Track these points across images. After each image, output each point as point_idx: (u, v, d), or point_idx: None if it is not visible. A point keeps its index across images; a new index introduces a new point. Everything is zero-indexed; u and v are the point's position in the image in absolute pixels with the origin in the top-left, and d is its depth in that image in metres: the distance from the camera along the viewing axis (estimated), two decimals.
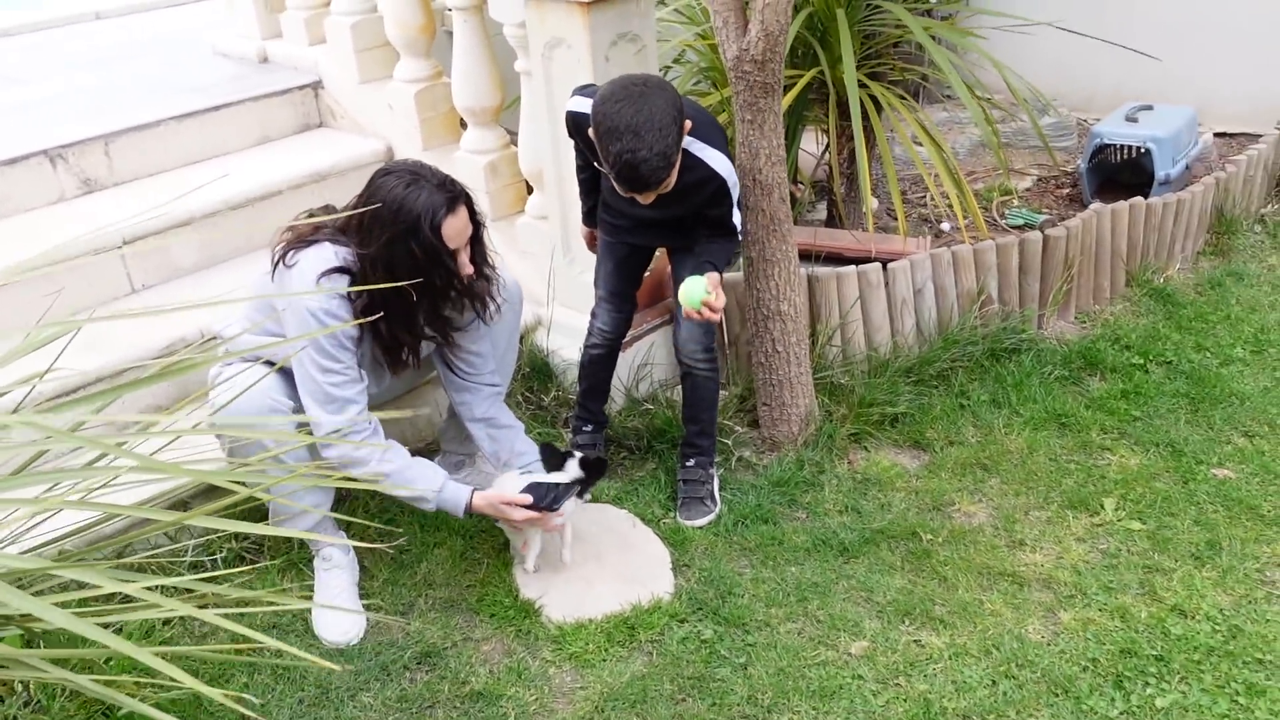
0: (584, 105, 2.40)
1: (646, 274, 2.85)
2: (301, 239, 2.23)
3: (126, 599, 2.27)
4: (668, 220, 2.51)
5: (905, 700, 2.08)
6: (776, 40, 2.56)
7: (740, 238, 2.53)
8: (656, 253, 2.86)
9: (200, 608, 1.79)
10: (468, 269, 2.26)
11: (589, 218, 2.76)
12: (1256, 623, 2.18)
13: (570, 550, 2.51)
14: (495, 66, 3.32)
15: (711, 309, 2.35)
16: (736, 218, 2.46)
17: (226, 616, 1.49)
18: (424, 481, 2.29)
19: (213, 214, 3.23)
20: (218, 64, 4.19)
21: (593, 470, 2.46)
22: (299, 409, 2.25)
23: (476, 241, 2.31)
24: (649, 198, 2.30)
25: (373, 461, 2.25)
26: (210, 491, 2.41)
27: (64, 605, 1.53)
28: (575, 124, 2.47)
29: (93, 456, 1.87)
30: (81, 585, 2.27)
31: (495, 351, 2.61)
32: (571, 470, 2.43)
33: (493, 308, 2.43)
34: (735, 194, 2.43)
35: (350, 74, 3.76)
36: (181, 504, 2.35)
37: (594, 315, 2.78)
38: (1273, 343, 3.16)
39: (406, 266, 2.16)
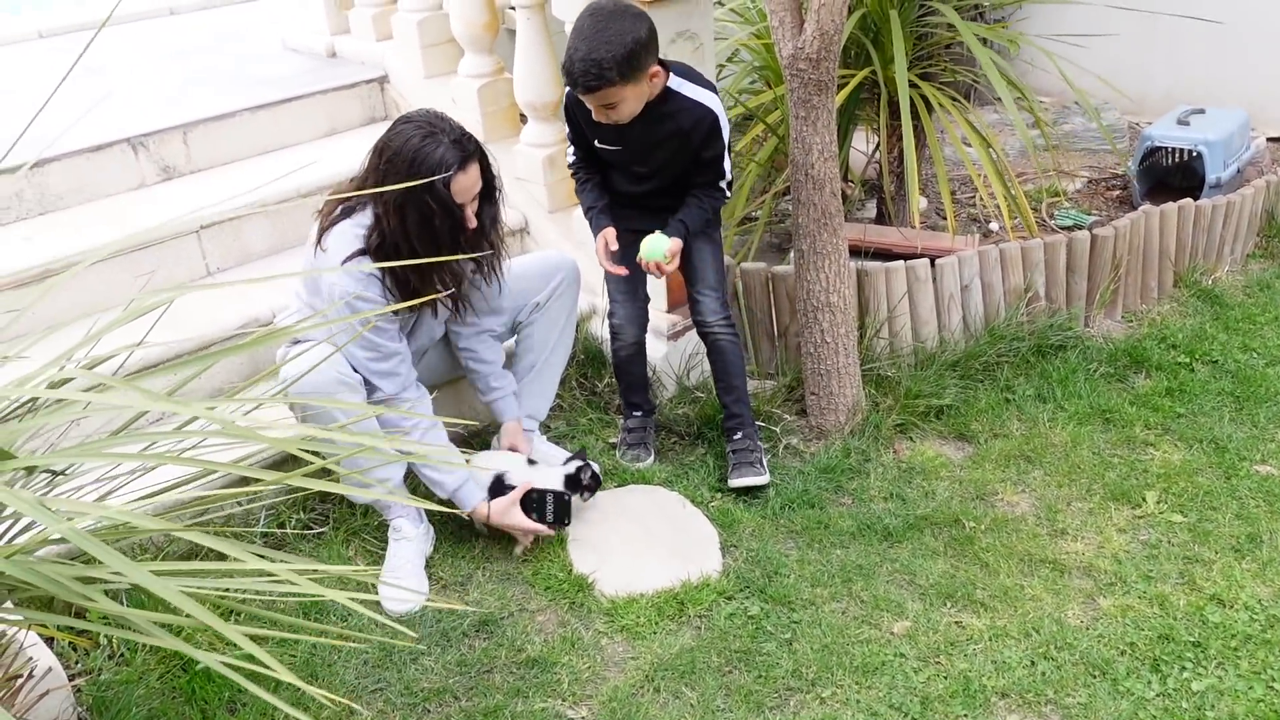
0: None
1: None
2: (332, 215, 2.37)
3: (202, 559, 2.41)
4: (664, 190, 2.66)
5: (945, 678, 2.15)
6: (831, 39, 2.64)
7: (729, 191, 2.67)
8: None
9: (270, 578, 1.91)
10: (473, 223, 2.39)
11: (598, 219, 2.74)
12: None
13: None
14: (556, 62, 3.42)
15: (660, 269, 2.57)
16: (728, 164, 2.61)
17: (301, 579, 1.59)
18: (448, 476, 2.49)
19: (284, 201, 3.37)
20: (288, 58, 4.34)
21: (583, 488, 2.64)
22: (367, 382, 2.39)
23: (488, 199, 2.42)
24: (599, 113, 2.45)
25: (415, 434, 2.44)
26: (283, 464, 2.55)
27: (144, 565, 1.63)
28: (574, 98, 2.56)
29: (181, 422, 2.00)
30: (163, 547, 2.41)
31: (554, 328, 2.74)
32: (552, 478, 2.61)
33: (499, 272, 2.56)
34: (726, 134, 2.56)
35: (416, 69, 3.89)
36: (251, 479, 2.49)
37: (611, 314, 2.87)
38: None
39: (417, 213, 2.28)
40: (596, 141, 2.61)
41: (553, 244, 3.40)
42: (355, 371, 2.39)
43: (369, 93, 3.99)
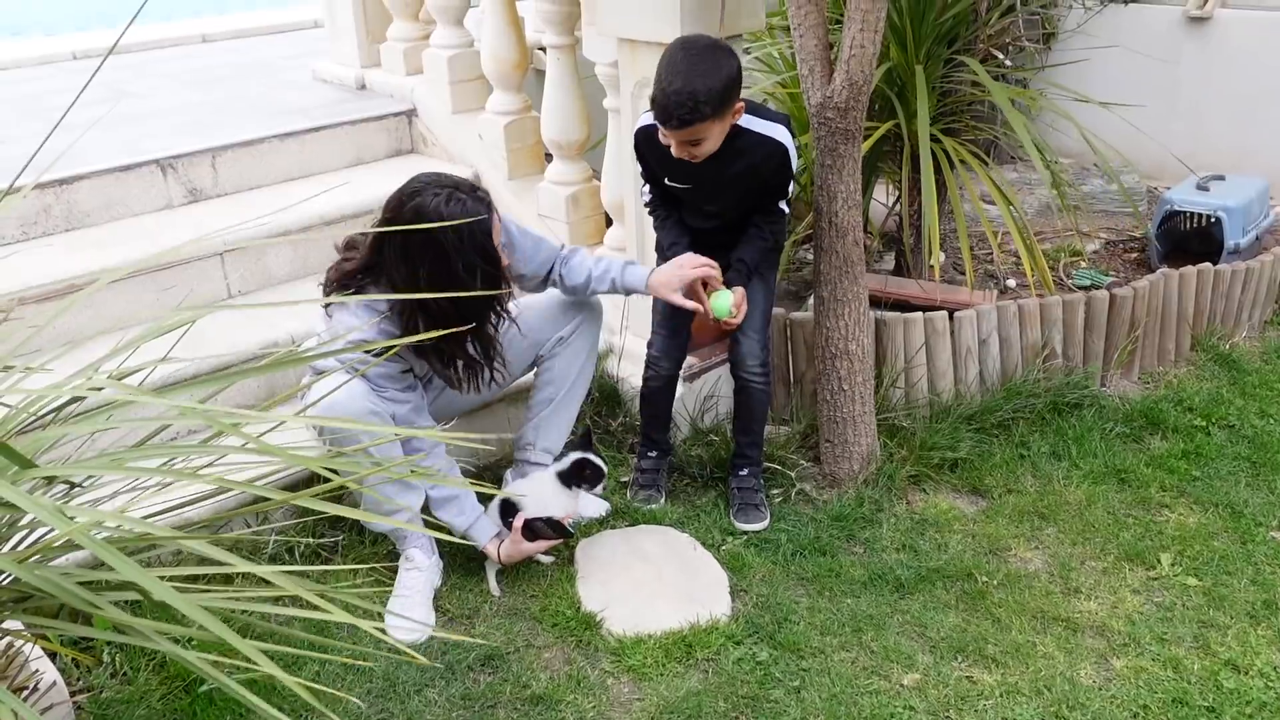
0: (650, 119, 2.55)
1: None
2: (342, 280, 2.39)
3: (208, 581, 2.40)
4: (731, 226, 2.69)
5: None
6: (860, 89, 2.67)
7: (787, 219, 2.71)
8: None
9: (277, 600, 1.91)
10: (506, 260, 2.43)
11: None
12: None
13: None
14: (583, 103, 3.47)
15: (729, 324, 2.65)
16: (792, 187, 2.65)
17: (308, 605, 1.58)
18: (458, 517, 2.53)
19: (307, 228, 3.41)
20: (318, 89, 4.40)
21: (582, 480, 2.66)
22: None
23: None
24: (680, 149, 2.46)
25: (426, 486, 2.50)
26: (297, 488, 2.54)
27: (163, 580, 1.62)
28: (646, 136, 2.60)
29: (203, 439, 2.01)
30: (167, 564, 2.40)
31: (575, 363, 2.77)
32: (546, 480, 2.65)
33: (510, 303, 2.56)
34: (795, 164, 2.60)
35: (444, 104, 3.94)
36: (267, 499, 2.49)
37: (650, 344, 2.88)
38: None
39: (466, 272, 2.29)
40: (667, 179, 2.64)
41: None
42: (382, 406, 2.40)
43: (396, 125, 4.04)
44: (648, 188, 2.75)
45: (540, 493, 2.61)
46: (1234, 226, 3.97)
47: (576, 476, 2.64)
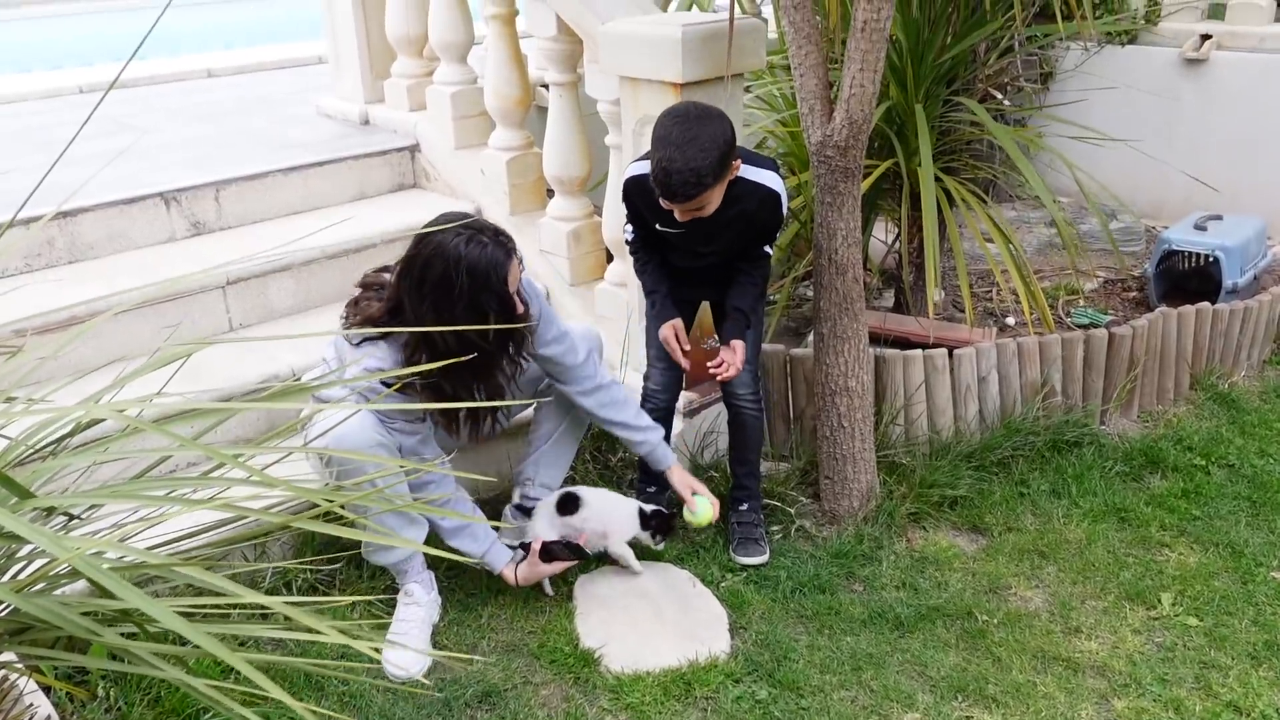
0: (641, 168, 2.58)
1: (707, 344, 2.98)
2: (364, 322, 2.39)
3: (204, 614, 2.38)
4: (721, 265, 2.71)
5: None
6: (860, 128, 2.69)
7: (770, 254, 2.73)
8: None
9: (275, 630, 1.89)
10: (521, 307, 2.41)
11: (664, 307, 2.77)
12: None
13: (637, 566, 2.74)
14: (585, 139, 3.50)
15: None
16: (777, 235, 2.70)
17: (309, 633, 1.57)
18: (472, 544, 2.52)
19: (310, 261, 3.42)
20: (322, 124, 4.44)
21: (653, 529, 2.73)
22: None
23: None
24: (684, 214, 2.48)
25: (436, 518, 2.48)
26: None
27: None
28: (637, 184, 2.61)
29: (204, 470, 2.00)
30: (169, 592, 2.39)
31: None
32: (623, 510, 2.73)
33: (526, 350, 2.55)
34: (786, 209, 2.63)
35: (447, 139, 3.97)
36: (267, 533, 2.48)
37: (646, 377, 2.89)
38: None
39: (474, 317, 2.29)
40: (658, 225, 2.66)
41: (574, 317, 3.42)
42: (390, 438, 2.40)
43: (399, 160, 4.07)
44: (630, 228, 2.76)
45: (615, 505, 2.73)
46: (1232, 266, 4.00)
47: (653, 521, 2.72)
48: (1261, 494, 2.97)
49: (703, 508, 2.67)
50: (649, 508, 2.74)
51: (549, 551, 2.57)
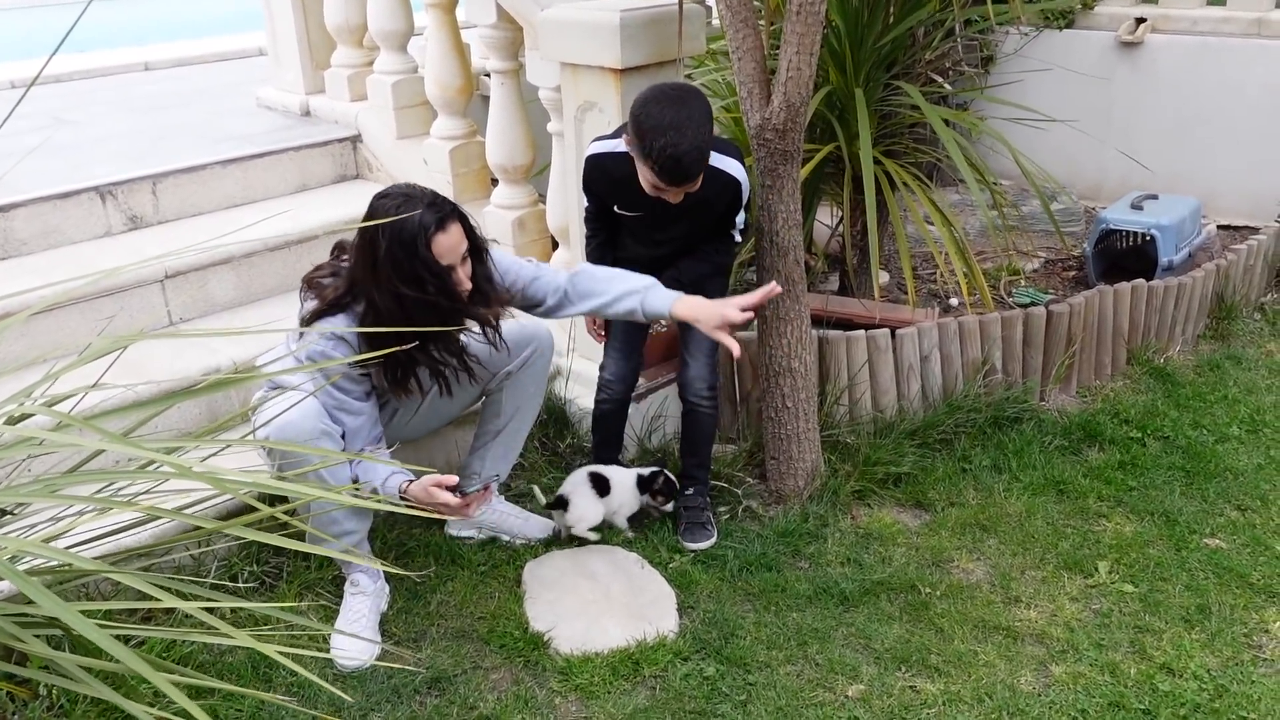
0: (607, 146, 2.57)
1: (655, 329, 3.00)
2: (322, 306, 2.36)
3: (147, 616, 2.36)
4: (677, 253, 2.72)
5: None
6: (797, 111, 2.71)
7: (740, 237, 2.75)
8: None
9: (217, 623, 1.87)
10: (466, 285, 2.38)
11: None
12: (1242, 683, 2.24)
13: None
14: (528, 127, 3.49)
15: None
16: (741, 220, 2.70)
17: (251, 636, 1.55)
18: (377, 479, 2.40)
19: (251, 254, 3.38)
20: (262, 115, 4.39)
21: (654, 491, 2.83)
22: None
23: (478, 261, 2.43)
24: (678, 195, 2.48)
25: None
26: (245, 512, 2.51)
27: (88, 614, 1.57)
28: (598, 165, 2.61)
29: (143, 463, 1.98)
30: (109, 595, 2.36)
31: (522, 396, 2.76)
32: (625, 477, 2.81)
33: (493, 335, 2.53)
34: (747, 196, 2.66)
35: (389, 129, 3.94)
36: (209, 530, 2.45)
37: (603, 367, 2.90)
38: (1268, 424, 3.25)
39: (411, 282, 2.28)
40: (617, 208, 2.66)
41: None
42: (336, 423, 2.38)
43: (341, 151, 4.04)
44: (586, 199, 2.76)
45: (620, 481, 2.77)
46: (1167, 244, 4.09)
47: (652, 484, 2.79)
48: (1195, 464, 3.04)
49: None
50: (645, 471, 2.78)
51: (461, 491, 2.50)
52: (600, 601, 2.58)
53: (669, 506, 2.83)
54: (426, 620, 2.53)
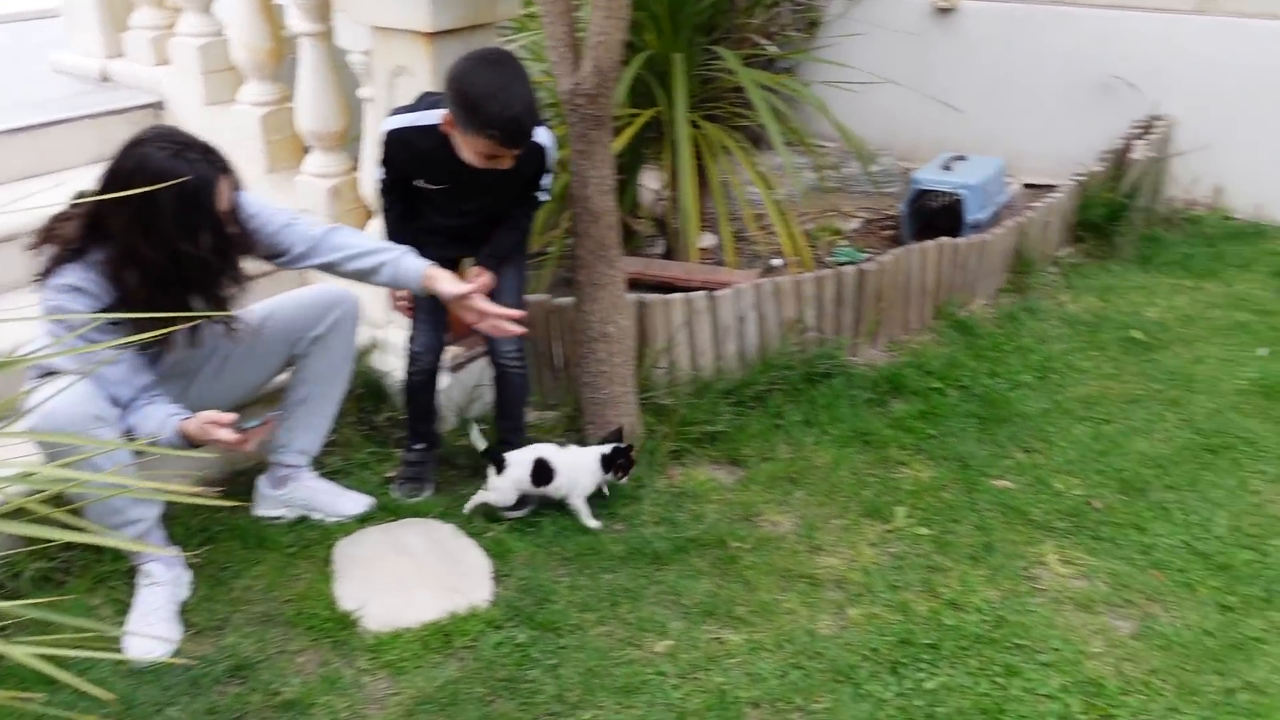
0: (410, 120, 2.53)
1: None
2: (62, 252, 2.24)
3: None
4: (484, 223, 2.72)
5: (703, 692, 2.21)
6: (608, 76, 2.72)
7: (541, 202, 2.79)
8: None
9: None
10: (235, 229, 2.35)
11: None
12: (1019, 613, 2.40)
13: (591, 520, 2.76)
14: (341, 92, 3.38)
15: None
16: (547, 181, 2.73)
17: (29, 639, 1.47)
18: (154, 425, 2.29)
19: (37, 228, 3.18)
20: (57, 81, 4.13)
21: (616, 467, 2.78)
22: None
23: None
24: (511, 160, 2.49)
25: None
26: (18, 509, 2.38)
27: None
28: (401, 139, 2.57)
29: None
30: None
31: (331, 362, 2.69)
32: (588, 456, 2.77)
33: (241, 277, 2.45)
34: (553, 161, 2.70)
35: (196, 95, 3.76)
36: None
37: (412, 339, 2.86)
38: (1055, 370, 3.46)
39: (183, 233, 2.21)
40: (422, 181, 2.60)
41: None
42: (114, 407, 2.26)
43: (143, 118, 3.82)
44: (382, 170, 2.69)
45: (577, 462, 2.73)
46: (974, 203, 4.28)
47: (614, 461, 2.74)
48: (989, 410, 3.21)
49: None
50: (607, 448, 2.74)
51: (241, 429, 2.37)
52: (414, 575, 2.56)
53: (624, 480, 2.81)
54: (230, 606, 2.46)
